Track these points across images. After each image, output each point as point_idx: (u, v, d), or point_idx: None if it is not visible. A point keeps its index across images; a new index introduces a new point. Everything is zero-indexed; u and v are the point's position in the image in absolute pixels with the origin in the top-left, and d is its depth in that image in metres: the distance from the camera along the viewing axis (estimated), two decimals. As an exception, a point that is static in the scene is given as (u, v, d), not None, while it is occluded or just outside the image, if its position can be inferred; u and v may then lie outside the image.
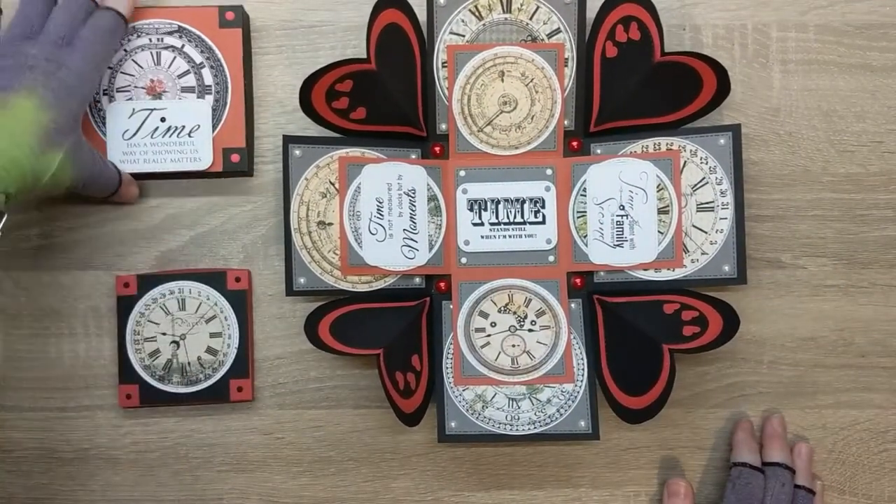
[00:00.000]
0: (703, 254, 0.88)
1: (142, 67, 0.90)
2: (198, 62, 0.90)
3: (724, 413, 0.92)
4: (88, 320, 0.92)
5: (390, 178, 0.89)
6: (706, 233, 0.88)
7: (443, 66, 0.89)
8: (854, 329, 0.92)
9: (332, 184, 0.89)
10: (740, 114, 0.92)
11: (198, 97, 0.90)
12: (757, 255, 0.91)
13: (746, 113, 0.92)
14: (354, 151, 0.89)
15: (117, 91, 0.90)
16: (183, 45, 0.90)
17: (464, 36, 0.89)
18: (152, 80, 0.90)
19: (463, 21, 0.89)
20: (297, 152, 0.88)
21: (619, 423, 0.87)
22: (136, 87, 0.90)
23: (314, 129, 0.89)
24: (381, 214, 0.89)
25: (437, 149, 0.90)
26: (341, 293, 0.89)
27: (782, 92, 0.93)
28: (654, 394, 0.85)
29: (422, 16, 0.89)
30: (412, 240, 0.89)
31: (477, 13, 0.89)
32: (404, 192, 0.89)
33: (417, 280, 0.90)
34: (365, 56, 0.86)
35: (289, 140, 0.88)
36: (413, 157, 0.90)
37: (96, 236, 0.92)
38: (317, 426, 0.92)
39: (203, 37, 0.90)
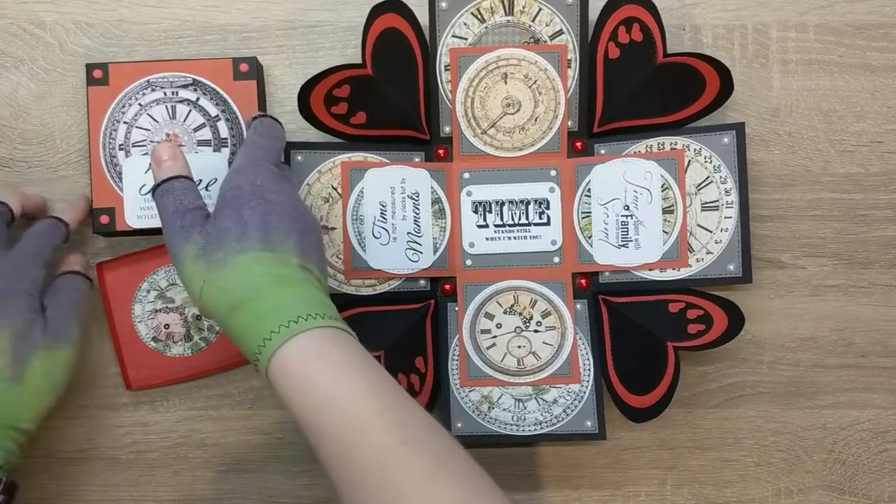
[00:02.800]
0: (708, 253, 0.89)
1: (157, 122, 0.89)
2: (213, 115, 0.89)
3: (724, 413, 0.93)
4: (88, 320, 0.91)
5: (393, 181, 0.89)
6: (711, 232, 0.89)
7: (445, 69, 0.89)
8: (854, 329, 0.93)
9: (335, 188, 0.89)
10: (740, 114, 0.92)
11: (214, 150, 0.89)
12: (757, 255, 0.91)
13: (746, 113, 0.92)
14: (357, 156, 0.89)
15: (133, 146, 0.89)
16: (198, 99, 0.89)
17: (466, 39, 0.89)
18: (168, 135, 0.89)
19: (465, 24, 0.89)
20: (299, 157, 0.88)
21: (619, 423, 0.88)
22: (152, 141, 0.89)
23: (314, 130, 0.89)
24: (384, 218, 0.89)
25: (440, 151, 0.90)
26: (345, 297, 0.89)
27: (782, 92, 0.93)
28: (659, 392, 0.86)
29: (423, 19, 0.89)
30: (416, 243, 0.89)
31: (479, 16, 0.89)
32: (408, 196, 0.89)
33: (422, 283, 0.90)
34: (360, 62, 0.86)
35: (291, 146, 0.88)
36: (416, 160, 0.90)
37: (96, 236, 0.91)
38: (318, 427, 0.92)
39: (218, 89, 0.89)
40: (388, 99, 0.88)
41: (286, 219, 0.76)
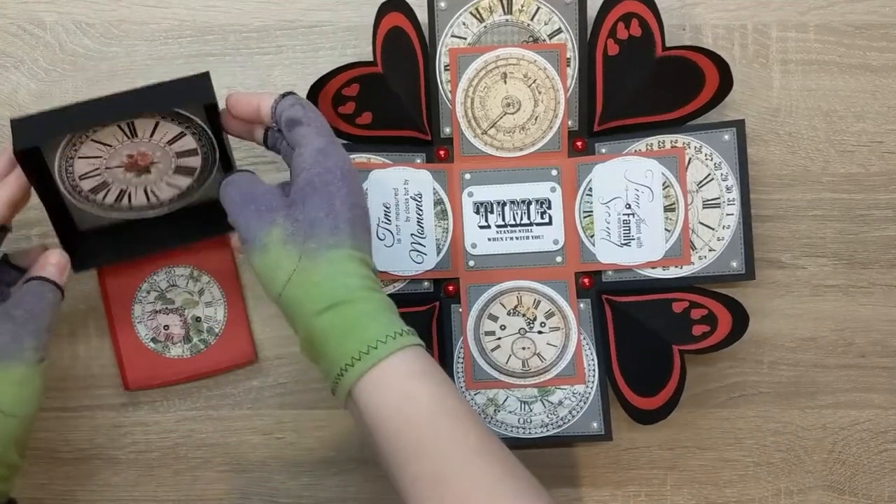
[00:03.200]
0: (710, 250, 0.89)
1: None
2: None
3: (724, 413, 0.93)
4: (88, 320, 0.91)
5: (396, 183, 0.89)
6: (713, 229, 0.89)
7: (445, 70, 0.89)
8: (854, 329, 0.93)
9: (339, 190, 0.89)
10: (740, 114, 0.92)
11: None
12: (757, 256, 0.91)
13: (746, 113, 0.92)
14: (360, 157, 0.89)
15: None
16: None
17: (465, 38, 0.89)
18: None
19: (464, 23, 0.89)
20: (303, 159, 0.88)
21: (619, 423, 0.88)
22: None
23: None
24: (388, 220, 0.88)
25: (441, 152, 0.90)
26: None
27: (782, 92, 0.93)
28: (665, 394, 0.86)
29: (422, 19, 0.89)
30: (420, 244, 0.89)
31: (478, 15, 0.89)
32: (411, 197, 0.89)
33: (426, 284, 0.90)
34: (371, 59, 0.86)
35: (296, 146, 0.88)
36: (418, 161, 0.90)
37: (96, 237, 0.91)
38: (319, 426, 0.92)
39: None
40: (395, 98, 0.88)
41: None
